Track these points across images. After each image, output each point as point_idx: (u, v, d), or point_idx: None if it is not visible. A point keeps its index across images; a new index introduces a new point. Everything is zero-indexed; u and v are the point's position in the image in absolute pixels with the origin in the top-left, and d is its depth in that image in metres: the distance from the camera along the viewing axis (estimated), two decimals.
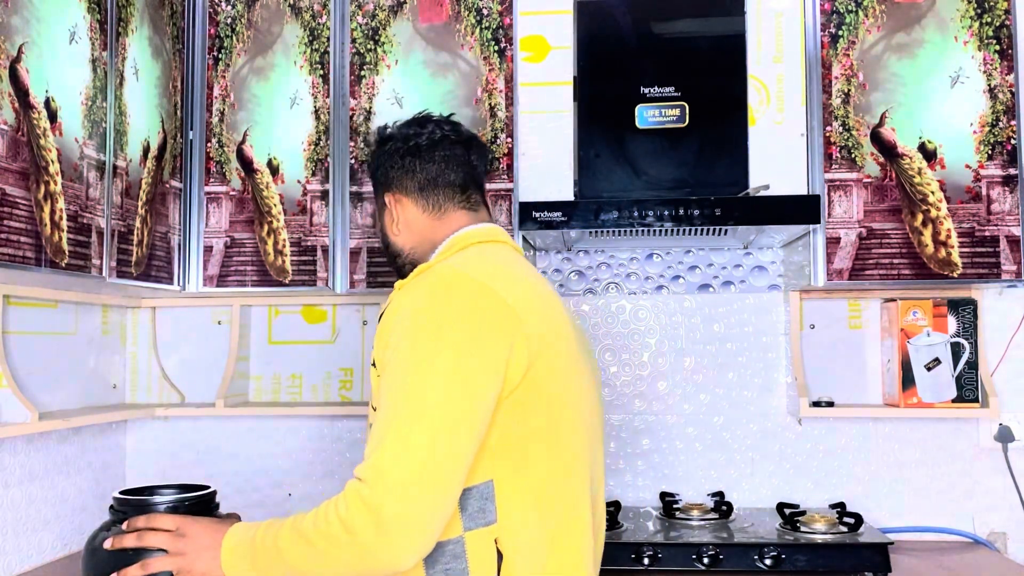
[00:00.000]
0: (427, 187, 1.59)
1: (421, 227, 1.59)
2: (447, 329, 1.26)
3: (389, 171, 1.62)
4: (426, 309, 1.28)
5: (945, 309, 2.32)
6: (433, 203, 1.59)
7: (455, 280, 1.32)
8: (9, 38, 1.63)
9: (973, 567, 2.18)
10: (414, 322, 1.27)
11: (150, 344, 2.65)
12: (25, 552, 2.13)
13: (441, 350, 1.24)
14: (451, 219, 1.58)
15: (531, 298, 1.36)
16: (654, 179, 2.27)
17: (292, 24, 2.37)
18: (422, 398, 1.22)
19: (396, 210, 1.60)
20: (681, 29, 2.34)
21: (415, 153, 1.60)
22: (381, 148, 1.65)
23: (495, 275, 1.35)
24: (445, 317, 1.27)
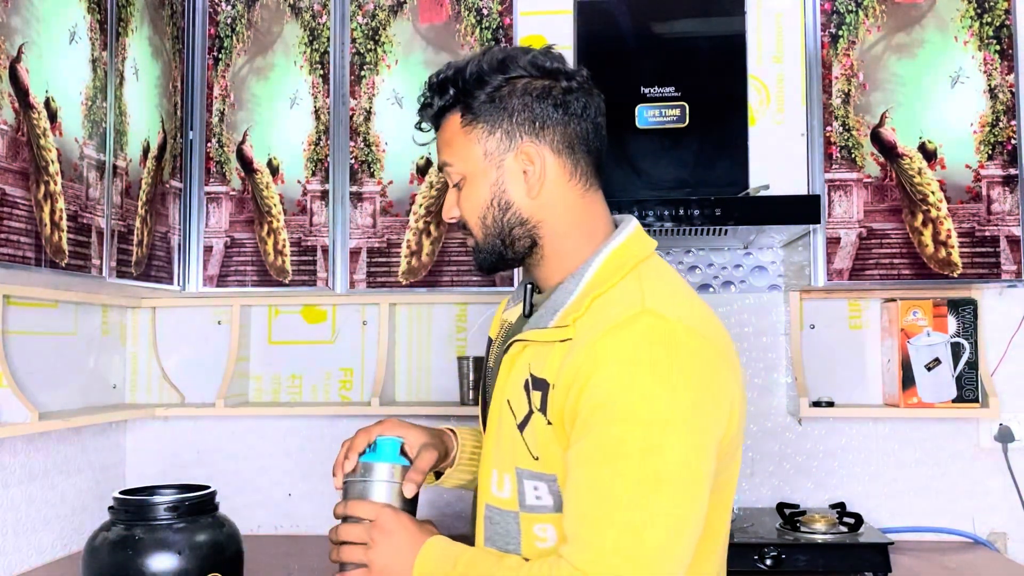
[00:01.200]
0: (576, 147, 1.29)
1: (565, 200, 1.27)
2: (682, 401, 1.08)
3: (534, 109, 1.25)
4: (654, 373, 1.09)
5: (945, 309, 2.32)
6: (581, 172, 1.29)
7: (676, 333, 1.11)
8: (9, 38, 1.63)
9: (973, 567, 2.18)
10: (642, 389, 1.08)
11: (150, 344, 2.65)
12: (25, 552, 2.13)
13: (676, 425, 1.08)
14: (595, 203, 1.31)
15: (728, 340, 1.22)
16: (654, 179, 2.27)
17: (292, 24, 2.37)
18: (659, 483, 1.06)
19: (540, 168, 1.26)
20: (681, 29, 2.34)
21: (562, 95, 1.27)
22: (507, 75, 1.26)
23: (701, 317, 1.19)
24: (678, 386, 1.08)
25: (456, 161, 1.29)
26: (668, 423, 1.07)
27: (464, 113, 1.27)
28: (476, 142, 1.26)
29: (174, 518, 1.49)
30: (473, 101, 1.26)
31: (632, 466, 1.06)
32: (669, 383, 1.08)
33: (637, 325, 1.11)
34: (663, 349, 1.10)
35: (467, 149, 1.27)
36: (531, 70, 1.26)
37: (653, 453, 1.06)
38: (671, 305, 1.16)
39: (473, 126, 1.27)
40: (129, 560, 1.41)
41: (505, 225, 1.27)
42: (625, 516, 1.05)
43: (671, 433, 1.07)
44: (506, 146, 1.26)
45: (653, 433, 1.07)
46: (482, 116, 1.26)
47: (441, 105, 1.30)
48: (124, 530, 1.46)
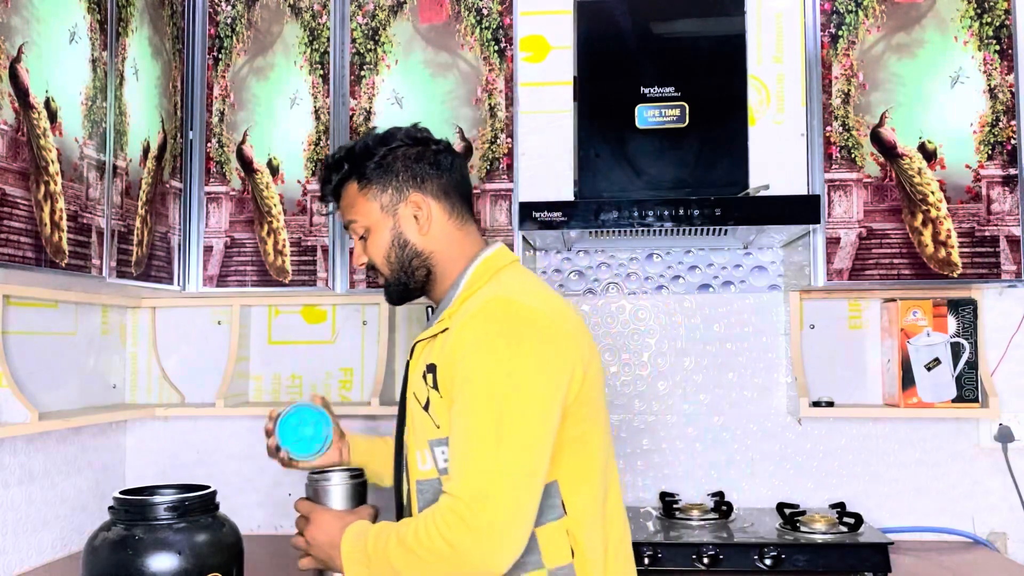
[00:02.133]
0: (451, 193, 1.61)
1: (447, 234, 1.59)
2: (521, 357, 1.38)
3: (414, 169, 1.59)
4: (498, 339, 1.39)
5: (945, 309, 2.32)
6: (456, 211, 1.61)
7: (518, 311, 1.42)
8: (9, 38, 1.63)
9: (973, 567, 2.18)
10: (490, 352, 1.38)
11: (150, 344, 2.65)
12: (25, 552, 2.13)
13: (518, 375, 1.37)
14: (470, 233, 1.62)
15: (572, 316, 1.52)
16: (654, 179, 2.27)
17: (292, 24, 2.37)
18: (503, 419, 1.35)
19: (426, 211, 1.58)
20: (681, 29, 2.34)
21: (433, 156, 1.61)
22: (389, 146, 1.61)
23: (543, 299, 1.48)
24: (517, 346, 1.38)
25: (360, 217, 1.60)
26: (509, 377, 1.36)
27: (359, 180, 1.60)
28: (373, 199, 1.59)
29: (174, 518, 1.49)
30: (365, 170, 1.59)
31: (484, 412, 1.35)
32: (509, 348, 1.38)
33: (487, 308, 1.42)
34: (506, 322, 1.40)
35: (367, 206, 1.59)
36: (407, 140, 1.60)
37: (499, 400, 1.35)
38: (518, 292, 1.46)
39: (368, 188, 1.59)
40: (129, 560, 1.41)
41: (405, 259, 1.59)
42: (481, 449, 1.34)
43: (512, 385, 1.36)
44: (397, 198, 1.58)
45: (498, 386, 1.36)
46: (374, 179, 1.58)
47: (338, 179, 1.62)
48: (124, 530, 1.46)
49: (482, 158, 2.30)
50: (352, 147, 1.63)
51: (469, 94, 2.32)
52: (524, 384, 1.37)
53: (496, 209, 2.29)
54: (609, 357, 2.57)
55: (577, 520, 1.45)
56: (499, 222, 2.29)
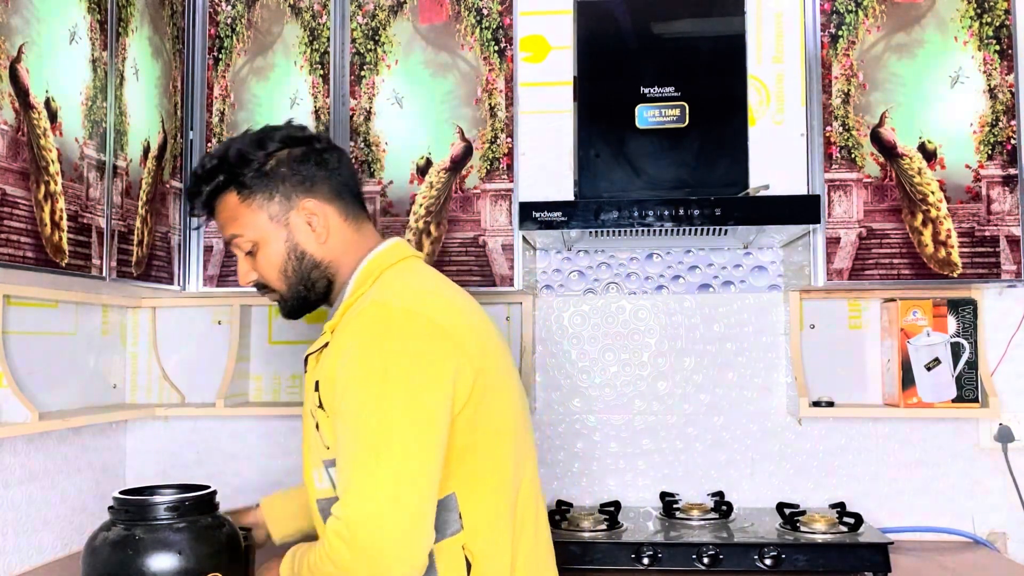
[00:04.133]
0: (343, 193, 1.50)
1: (345, 238, 1.49)
2: (395, 365, 1.29)
3: (302, 172, 1.47)
4: (371, 348, 1.30)
5: (945, 309, 2.32)
6: (351, 212, 1.51)
7: (392, 315, 1.33)
8: (9, 38, 1.63)
9: (973, 567, 2.18)
10: (362, 363, 1.30)
11: (150, 344, 2.65)
12: (25, 552, 2.13)
13: (393, 385, 1.28)
14: (367, 233, 1.52)
15: (462, 316, 1.42)
16: (654, 179, 2.27)
17: (292, 24, 2.37)
18: (382, 434, 1.27)
19: (321, 218, 1.47)
20: (681, 29, 2.34)
21: (319, 156, 1.49)
22: (269, 150, 1.47)
23: (425, 301, 1.38)
24: (391, 354, 1.30)
25: (245, 231, 1.48)
26: (383, 388, 1.28)
27: (239, 190, 1.46)
28: (259, 210, 1.46)
29: (174, 518, 1.49)
30: (243, 177, 1.46)
31: (361, 429, 1.27)
32: (383, 356, 1.29)
33: (361, 317, 1.34)
34: (379, 330, 1.32)
35: (252, 218, 1.46)
36: (288, 141, 1.48)
37: (374, 413, 1.27)
38: (396, 295, 1.37)
39: (252, 198, 1.46)
40: (129, 560, 1.41)
41: (303, 271, 1.48)
42: (360, 467, 1.26)
43: (387, 396, 1.28)
44: (287, 207, 1.46)
45: (372, 398, 1.28)
46: (257, 188, 1.46)
47: (210, 190, 1.48)
48: (124, 530, 1.46)
49: (482, 158, 2.30)
50: (224, 153, 1.48)
51: (469, 94, 2.32)
52: (400, 393, 1.28)
53: (496, 209, 2.29)
54: (609, 357, 2.57)
55: (475, 534, 1.37)
56: (499, 222, 2.29)
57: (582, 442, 2.56)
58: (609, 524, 2.22)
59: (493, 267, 2.28)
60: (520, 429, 1.47)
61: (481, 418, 1.36)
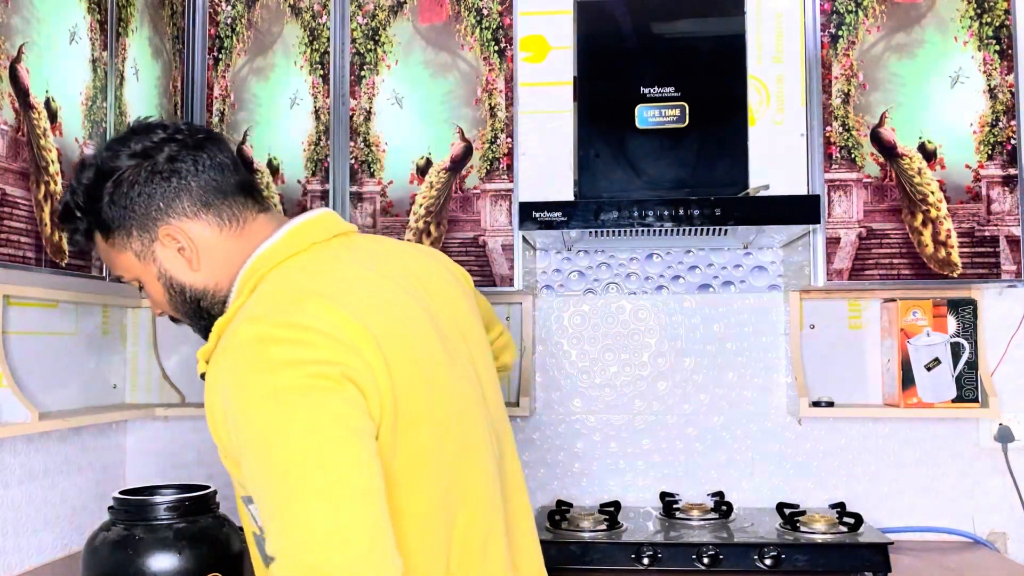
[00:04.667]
0: (212, 196, 1.27)
1: (225, 251, 1.27)
2: (280, 392, 1.06)
3: (151, 193, 1.25)
4: (248, 380, 1.07)
5: (945, 309, 2.32)
6: (228, 215, 1.28)
7: (261, 335, 1.09)
8: (9, 38, 1.63)
9: (973, 567, 2.18)
10: (243, 399, 1.07)
11: (150, 344, 2.65)
12: (25, 552, 2.13)
13: (283, 416, 1.05)
14: (254, 229, 1.29)
15: (365, 310, 1.15)
16: (654, 179, 2.27)
17: (292, 24, 2.37)
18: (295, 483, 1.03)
19: (186, 241, 1.26)
20: (681, 29, 2.34)
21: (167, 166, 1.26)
22: (115, 177, 1.26)
23: (306, 303, 1.13)
24: (271, 380, 1.06)
25: (123, 272, 1.32)
26: (278, 427, 1.05)
27: (100, 231, 1.30)
28: (124, 250, 1.29)
29: (174, 518, 1.49)
30: (100, 216, 1.28)
31: (268, 478, 1.05)
32: (263, 390, 1.06)
33: (228, 348, 1.10)
34: (254, 354, 1.08)
35: (122, 259, 1.30)
36: (128, 161, 1.26)
37: (277, 462, 1.04)
38: (264, 301, 1.15)
39: (112, 238, 1.29)
40: (129, 560, 1.41)
41: (190, 302, 1.29)
42: (281, 524, 1.03)
43: (283, 435, 1.04)
44: (148, 239, 1.27)
45: (268, 441, 1.05)
46: (114, 225, 1.27)
47: (81, 234, 1.32)
48: (124, 530, 1.46)
49: (482, 158, 2.30)
50: (79, 187, 1.29)
51: (469, 94, 2.32)
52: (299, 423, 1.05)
53: (496, 209, 2.29)
54: (609, 357, 2.57)
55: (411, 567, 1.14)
56: (499, 222, 2.29)
57: (582, 442, 2.56)
58: (609, 524, 2.22)
59: (493, 267, 2.28)
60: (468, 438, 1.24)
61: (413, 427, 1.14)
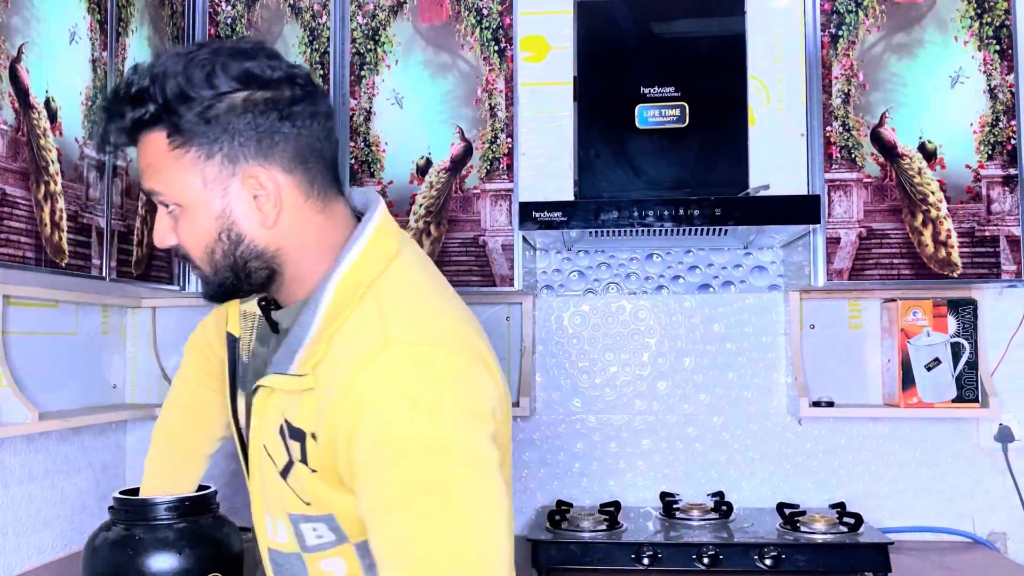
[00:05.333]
0: (310, 159, 1.12)
1: (302, 222, 1.13)
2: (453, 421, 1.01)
3: (259, 128, 1.08)
4: (420, 402, 1.00)
5: (945, 309, 2.32)
6: (317, 186, 1.13)
7: (430, 360, 1.03)
8: (9, 38, 1.63)
9: (973, 567, 2.18)
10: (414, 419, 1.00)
11: (150, 344, 2.65)
12: (25, 552, 2.13)
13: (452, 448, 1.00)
14: (335, 214, 1.16)
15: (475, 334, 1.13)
16: (654, 179, 2.27)
17: (292, 24, 2.37)
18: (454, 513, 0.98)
19: (273, 194, 1.10)
20: (681, 29, 2.34)
21: (288, 106, 1.10)
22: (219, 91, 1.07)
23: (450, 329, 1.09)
24: (444, 408, 1.01)
25: (168, 191, 1.10)
26: (445, 449, 0.99)
27: (171, 133, 1.07)
28: (191, 169, 1.08)
29: (174, 518, 1.49)
30: (180, 120, 1.06)
31: (424, 505, 0.97)
32: (433, 411, 1.00)
33: (387, 360, 1.02)
34: (420, 378, 1.02)
35: (180, 177, 1.09)
36: (248, 81, 1.08)
37: (440, 485, 0.98)
38: (416, 326, 1.06)
39: (185, 150, 1.07)
40: (129, 560, 1.41)
41: (238, 259, 1.11)
42: (429, 558, 0.96)
43: (449, 458, 0.99)
44: (229, 171, 1.08)
45: (433, 465, 0.98)
46: (195, 138, 1.07)
47: (136, 118, 1.08)
48: (124, 530, 1.46)
49: (482, 158, 2.30)
50: (160, 74, 1.07)
51: (469, 94, 2.32)
52: (463, 456, 1.00)
53: (496, 209, 2.29)
54: (609, 357, 2.57)
55: None
56: (499, 222, 2.29)
57: (582, 442, 2.56)
58: (609, 524, 2.22)
59: (493, 267, 2.28)
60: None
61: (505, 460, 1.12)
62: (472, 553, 0.97)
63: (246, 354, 1.28)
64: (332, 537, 1.13)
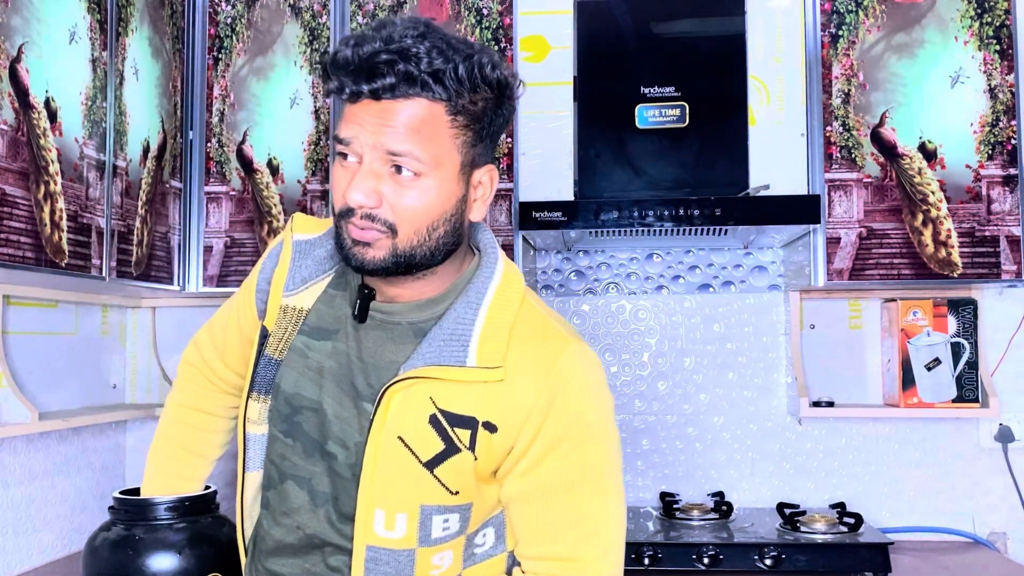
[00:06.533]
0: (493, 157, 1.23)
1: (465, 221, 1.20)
2: (612, 416, 1.22)
3: (502, 130, 1.18)
4: (601, 392, 1.20)
5: (945, 309, 2.32)
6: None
7: (596, 360, 1.21)
8: (9, 38, 1.63)
9: (973, 567, 2.18)
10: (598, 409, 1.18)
11: (150, 344, 2.65)
12: (25, 552, 2.13)
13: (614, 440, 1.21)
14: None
15: None
16: (654, 179, 2.27)
17: (292, 24, 2.37)
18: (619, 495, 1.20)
19: (490, 189, 1.18)
20: (681, 29, 2.34)
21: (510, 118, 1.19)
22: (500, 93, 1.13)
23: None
24: (609, 403, 1.21)
25: (427, 159, 1.08)
26: (614, 439, 1.20)
27: (453, 111, 1.09)
28: (461, 147, 1.10)
29: (174, 518, 1.49)
30: (462, 100, 1.08)
31: (609, 483, 1.18)
32: (607, 404, 1.20)
33: (573, 353, 1.16)
34: (598, 374, 1.20)
35: (448, 153, 1.09)
36: (506, 89, 1.13)
37: (614, 469, 1.19)
38: (571, 330, 1.22)
39: (462, 130, 1.10)
40: (129, 560, 1.41)
41: (443, 244, 1.13)
42: (617, 529, 1.19)
43: (615, 449, 1.20)
44: (480, 162, 1.14)
45: (610, 451, 1.19)
46: (473, 122, 1.10)
47: (424, 79, 1.06)
48: (124, 530, 1.46)
49: None
50: (455, 60, 1.07)
51: None
52: (618, 449, 1.22)
53: (496, 209, 2.29)
54: (609, 357, 2.57)
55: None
56: (499, 222, 2.29)
57: None
58: None
59: None
60: None
61: None
62: (622, 525, 1.19)
63: (273, 351, 1.28)
64: (457, 528, 1.20)
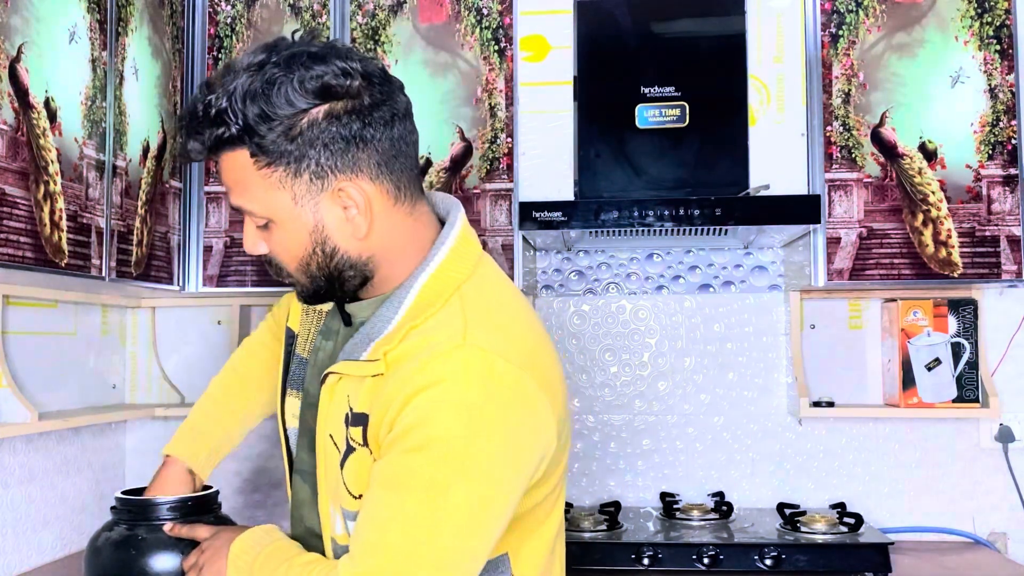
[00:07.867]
0: (393, 163, 1.12)
1: (394, 226, 1.14)
2: (490, 438, 1.04)
3: (344, 140, 1.08)
4: (467, 408, 1.04)
5: (945, 309, 2.32)
6: (404, 189, 1.14)
7: (496, 377, 1.05)
8: (9, 38, 1.63)
9: (973, 567, 2.18)
10: (452, 421, 1.04)
11: (150, 344, 2.64)
12: (25, 552, 2.12)
13: (471, 469, 1.04)
14: (421, 215, 1.18)
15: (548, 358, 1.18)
16: (654, 179, 2.27)
17: (292, 24, 2.37)
18: (436, 523, 1.04)
19: (363, 205, 1.10)
20: (681, 29, 2.34)
21: (369, 112, 1.10)
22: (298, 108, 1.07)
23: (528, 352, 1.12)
24: (488, 422, 1.04)
25: (258, 208, 1.11)
26: (463, 466, 1.03)
27: (255, 154, 1.07)
28: (280, 187, 1.08)
29: (176, 518, 1.49)
30: (264, 141, 1.06)
31: (415, 499, 1.03)
32: (475, 426, 1.03)
33: (456, 359, 1.05)
34: (479, 389, 1.05)
35: (270, 195, 1.09)
36: (326, 95, 1.07)
37: (439, 492, 1.03)
38: (494, 334, 1.09)
39: (272, 169, 1.08)
40: (132, 560, 1.41)
41: (333, 270, 1.13)
42: (395, 545, 1.04)
43: (463, 477, 1.03)
44: (318, 187, 1.09)
45: (444, 472, 1.03)
46: (281, 158, 1.07)
47: (218, 136, 1.08)
48: (127, 530, 1.46)
49: (482, 158, 2.30)
50: (236, 94, 1.06)
51: (469, 94, 2.32)
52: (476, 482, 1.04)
53: (496, 209, 2.29)
54: (609, 357, 2.57)
55: None
56: (499, 222, 2.29)
57: (582, 442, 2.56)
58: (609, 524, 2.22)
59: None
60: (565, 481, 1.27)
61: (550, 479, 1.17)
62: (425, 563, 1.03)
63: (303, 351, 1.30)
64: None
